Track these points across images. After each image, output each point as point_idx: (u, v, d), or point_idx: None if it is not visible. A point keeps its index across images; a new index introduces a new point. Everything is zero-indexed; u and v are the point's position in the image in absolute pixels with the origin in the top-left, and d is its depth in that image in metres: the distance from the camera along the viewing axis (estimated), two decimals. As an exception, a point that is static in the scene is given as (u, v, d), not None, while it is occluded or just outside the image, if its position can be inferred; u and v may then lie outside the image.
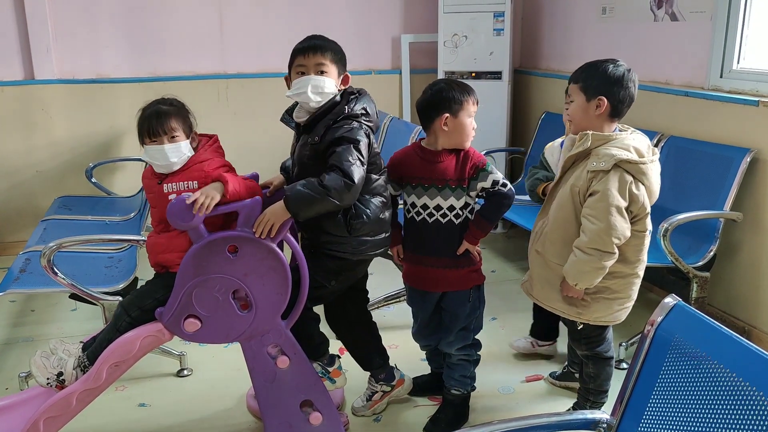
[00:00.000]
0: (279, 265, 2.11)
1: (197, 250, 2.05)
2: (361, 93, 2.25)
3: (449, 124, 2.26)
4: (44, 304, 3.55)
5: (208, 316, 2.11)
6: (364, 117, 2.19)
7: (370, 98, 2.27)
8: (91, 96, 4.29)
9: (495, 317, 3.34)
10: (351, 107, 2.17)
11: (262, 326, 2.16)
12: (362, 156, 2.11)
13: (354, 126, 2.15)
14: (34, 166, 4.28)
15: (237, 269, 2.08)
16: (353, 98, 2.21)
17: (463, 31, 4.48)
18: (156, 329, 2.11)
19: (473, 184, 2.28)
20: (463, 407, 2.51)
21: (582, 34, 4.19)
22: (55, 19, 4.15)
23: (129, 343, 2.07)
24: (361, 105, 2.20)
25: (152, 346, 2.15)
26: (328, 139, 2.13)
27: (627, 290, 2.22)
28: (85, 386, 2.06)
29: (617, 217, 2.05)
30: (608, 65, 2.15)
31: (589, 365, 2.37)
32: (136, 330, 2.10)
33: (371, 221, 2.21)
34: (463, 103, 2.25)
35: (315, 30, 2.33)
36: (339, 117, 2.15)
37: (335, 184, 2.05)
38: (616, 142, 2.10)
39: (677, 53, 3.43)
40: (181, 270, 2.07)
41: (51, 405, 2.04)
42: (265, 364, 2.21)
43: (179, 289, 2.08)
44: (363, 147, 2.13)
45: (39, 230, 3.46)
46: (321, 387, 2.30)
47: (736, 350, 1.17)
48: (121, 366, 2.09)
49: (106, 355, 2.07)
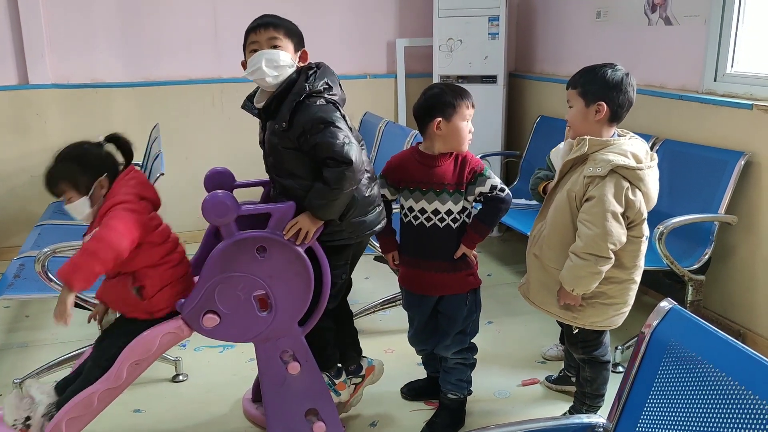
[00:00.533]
0: (304, 271, 2.12)
1: (227, 247, 2.06)
2: (320, 67, 2.17)
3: (443, 127, 2.26)
4: (39, 310, 3.53)
5: (228, 314, 2.11)
6: (327, 92, 2.11)
7: (331, 71, 2.19)
8: (86, 100, 4.28)
9: (491, 321, 3.34)
10: (311, 83, 2.09)
11: (279, 330, 2.17)
12: (345, 132, 2.07)
13: (320, 103, 2.07)
14: (29, 171, 4.26)
15: (263, 270, 2.10)
16: (312, 73, 2.11)
17: (458, 35, 4.49)
18: (176, 326, 2.10)
19: (471, 189, 2.28)
20: (459, 411, 2.51)
21: (576, 38, 4.20)
22: (50, 24, 4.13)
23: (149, 341, 2.06)
24: (322, 80, 2.11)
25: (172, 343, 2.13)
26: (299, 125, 2.05)
27: (623, 296, 2.22)
28: (107, 385, 2.05)
29: (613, 222, 2.06)
30: (607, 70, 2.15)
31: (586, 369, 2.37)
32: (156, 327, 2.09)
33: (360, 202, 2.18)
34: (457, 107, 2.25)
35: (309, 35, 2.32)
36: (301, 96, 2.06)
37: (338, 176, 2.04)
38: (613, 148, 2.10)
39: (671, 57, 3.44)
40: (208, 264, 2.07)
41: (73, 406, 2.04)
42: (276, 368, 2.21)
43: (204, 283, 2.07)
44: (341, 123, 2.07)
45: (33, 235, 3.44)
46: (328, 397, 2.30)
47: (732, 354, 1.17)
48: (141, 364, 2.08)
49: (127, 353, 2.06)
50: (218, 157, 4.07)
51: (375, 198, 2.25)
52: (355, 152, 2.05)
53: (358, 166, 2.06)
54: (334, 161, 2.04)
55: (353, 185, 2.08)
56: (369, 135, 4.41)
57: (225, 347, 3.09)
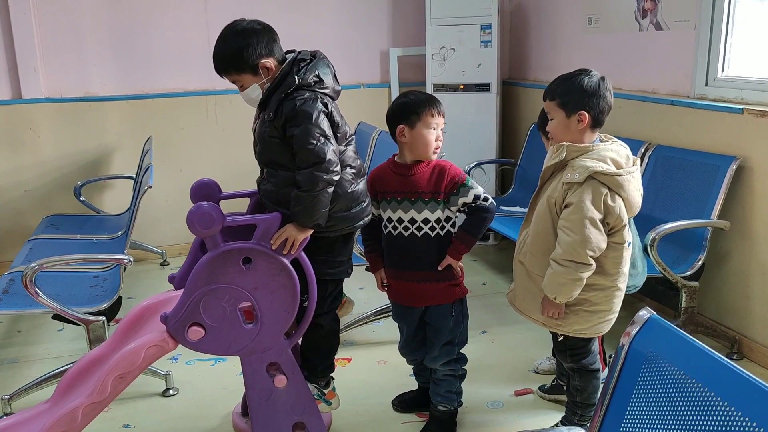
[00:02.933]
0: (290, 283, 2.11)
1: (211, 259, 2.05)
2: (316, 57, 2.18)
3: (407, 134, 2.26)
4: (30, 325, 3.52)
5: (213, 326, 2.09)
6: (317, 85, 2.12)
7: (325, 63, 2.19)
8: (79, 114, 4.28)
9: (485, 330, 3.31)
10: (301, 76, 2.10)
11: (265, 342, 2.15)
12: (323, 129, 2.07)
13: (307, 97, 2.08)
14: (22, 185, 4.27)
15: (248, 282, 2.08)
16: (303, 66, 2.13)
17: (450, 44, 4.48)
18: (160, 339, 2.08)
19: (454, 200, 2.27)
20: (450, 423, 2.48)
21: (569, 45, 4.19)
22: (42, 38, 4.15)
23: (133, 354, 2.03)
24: (313, 73, 2.12)
25: (156, 356, 2.10)
26: (283, 115, 2.09)
27: (608, 303, 2.19)
28: (90, 400, 2.02)
29: (591, 229, 2.04)
30: (582, 78, 2.12)
31: (576, 378, 2.35)
32: (140, 340, 2.07)
33: (342, 197, 2.16)
34: (421, 115, 2.24)
35: (303, 45, 2.32)
36: (290, 88, 2.09)
37: (308, 178, 2.05)
38: (592, 154, 2.08)
39: (662, 62, 3.43)
40: (193, 276, 2.06)
41: (56, 420, 2.00)
42: (263, 380, 2.19)
43: (189, 295, 2.06)
44: (321, 120, 2.07)
45: (25, 250, 3.44)
46: (315, 410, 2.27)
47: (710, 365, 1.15)
48: (126, 378, 2.05)
49: (111, 366, 2.03)
50: (212, 169, 4.07)
51: (360, 194, 2.23)
52: (331, 150, 2.06)
53: (330, 165, 2.05)
54: (304, 159, 2.05)
55: (326, 185, 2.07)
56: (362, 144, 4.40)
57: (217, 360, 3.07)
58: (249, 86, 2.17)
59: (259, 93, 2.17)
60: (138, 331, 2.24)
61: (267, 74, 2.15)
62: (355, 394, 2.78)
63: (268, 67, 2.15)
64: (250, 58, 2.13)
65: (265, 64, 2.14)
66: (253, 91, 2.18)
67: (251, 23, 2.18)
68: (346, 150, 2.21)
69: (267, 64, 2.15)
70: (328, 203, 2.11)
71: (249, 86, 2.17)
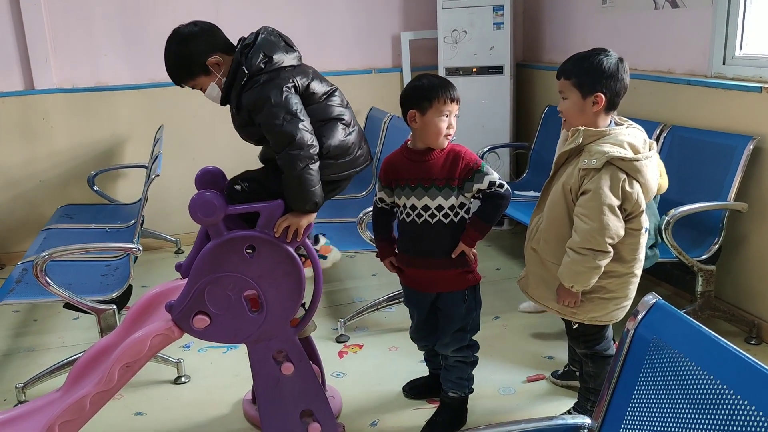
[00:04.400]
0: (294, 270, 2.09)
1: (215, 247, 2.04)
2: (260, 35, 2.14)
3: (418, 120, 2.20)
4: (46, 314, 3.55)
5: (218, 314, 2.09)
6: (268, 65, 2.09)
7: (269, 39, 2.15)
8: (91, 104, 4.29)
9: (498, 316, 3.28)
10: (249, 64, 2.08)
11: (271, 330, 2.14)
12: (286, 107, 2.03)
13: (263, 81, 2.06)
14: (37, 176, 4.30)
15: (253, 270, 2.07)
16: (247, 51, 2.10)
17: (462, 27, 4.42)
18: (166, 327, 2.08)
19: (468, 186, 2.21)
20: (460, 410, 2.46)
21: (584, 25, 4.11)
22: (53, 29, 4.15)
23: (139, 343, 2.04)
24: (259, 55, 2.09)
25: (162, 345, 2.11)
26: (245, 108, 2.08)
27: (624, 289, 2.15)
28: (98, 389, 2.03)
29: (610, 216, 1.99)
30: (601, 58, 2.04)
31: (589, 364, 2.31)
32: (146, 329, 2.07)
33: (333, 146, 2.12)
34: (433, 102, 2.16)
35: (314, 30, 2.30)
36: (243, 80, 2.08)
37: (286, 161, 2.03)
38: (609, 138, 2.02)
39: (679, 41, 3.35)
40: (197, 265, 2.05)
41: (65, 409, 2.02)
42: (270, 368, 2.18)
43: (193, 283, 2.06)
44: (281, 99, 2.03)
45: (39, 240, 3.46)
46: (322, 397, 2.26)
47: (715, 352, 1.11)
48: (132, 366, 2.06)
49: (117, 356, 2.04)
50: (225, 157, 4.04)
51: (350, 147, 2.18)
52: (299, 128, 2.02)
53: (302, 141, 2.02)
54: (276, 143, 2.03)
55: (307, 162, 2.03)
56: (374, 129, 4.37)
57: (228, 348, 3.07)
58: (207, 87, 2.16)
59: (219, 91, 2.16)
60: (146, 320, 2.24)
61: (219, 70, 2.14)
62: (366, 380, 2.77)
63: (217, 63, 2.14)
64: (197, 60, 2.13)
65: (213, 61, 2.13)
66: (213, 90, 2.17)
67: (188, 27, 2.18)
68: (328, 105, 2.16)
69: (214, 61, 2.13)
70: (318, 180, 2.07)
71: (207, 87, 2.16)
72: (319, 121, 2.13)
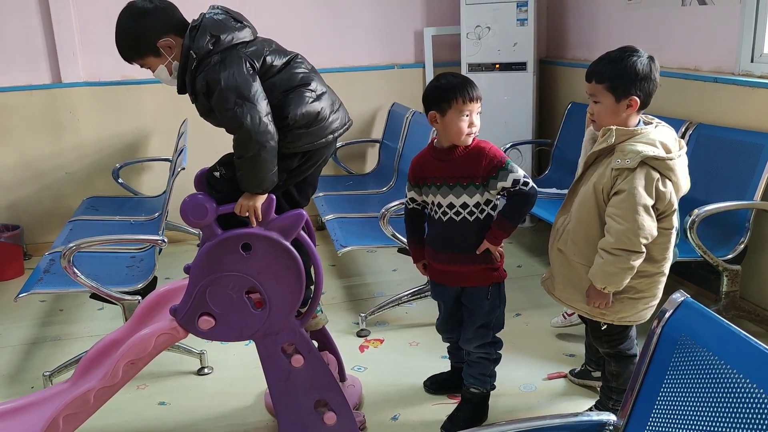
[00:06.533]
0: (293, 264, 2.10)
1: (211, 248, 2.05)
2: (205, 16, 2.08)
3: (439, 121, 2.20)
4: (72, 304, 3.61)
5: (222, 314, 2.11)
6: (216, 45, 2.03)
7: (215, 18, 2.08)
8: (117, 97, 4.35)
9: (519, 313, 3.28)
10: (196, 47, 2.01)
11: (276, 325, 2.15)
12: (237, 90, 1.97)
13: (213, 63, 2.01)
14: (63, 168, 4.36)
15: (251, 267, 2.08)
16: (194, 35, 2.04)
17: (486, 23, 4.40)
18: (171, 327, 2.11)
19: (492, 183, 2.20)
20: (482, 406, 2.46)
21: (608, 21, 4.07)
22: (81, 24, 4.21)
23: (144, 341, 2.08)
24: (205, 37, 2.02)
25: (167, 343, 2.15)
26: (199, 92, 2.03)
27: (653, 289, 2.13)
28: (102, 384, 2.07)
29: (644, 216, 1.97)
30: (633, 59, 2.00)
31: (612, 363, 2.30)
32: (151, 328, 2.11)
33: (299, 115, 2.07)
34: (452, 102, 2.15)
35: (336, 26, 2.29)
36: (193, 65, 2.02)
37: (238, 143, 2.00)
38: (641, 137, 2.00)
39: (706, 38, 3.31)
40: (194, 267, 2.07)
41: (69, 402, 2.05)
42: (279, 362, 2.20)
43: (193, 287, 2.08)
44: (232, 81, 1.97)
45: (65, 231, 3.52)
46: (335, 386, 2.27)
47: (744, 350, 1.10)
48: (137, 363, 2.10)
49: (123, 352, 2.08)
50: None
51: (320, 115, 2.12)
52: (250, 114, 1.96)
53: (254, 126, 1.96)
54: (228, 127, 2.01)
55: (258, 148, 1.98)
56: (396, 125, 4.38)
57: (251, 340, 3.09)
58: (156, 68, 2.11)
59: (167, 74, 2.11)
60: (155, 317, 2.28)
61: (170, 53, 2.07)
62: (387, 374, 2.78)
63: (169, 46, 2.07)
64: (148, 40, 2.05)
65: (164, 44, 2.06)
66: (161, 72, 2.11)
67: (143, 3, 2.09)
68: (292, 73, 2.11)
69: (165, 44, 2.06)
70: (271, 166, 2.03)
71: (156, 68, 2.11)
72: (284, 92, 2.08)
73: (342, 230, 3.41)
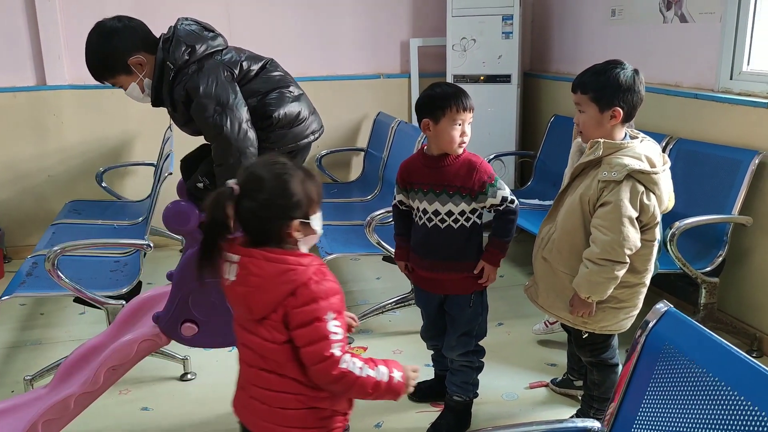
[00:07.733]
0: None
1: (194, 255, 2.05)
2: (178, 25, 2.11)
3: (431, 129, 2.24)
4: (53, 308, 3.58)
5: (205, 321, 2.11)
6: (192, 55, 2.05)
7: (188, 29, 2.11)
8: (101, 101, 4.32)
9: (501, 322, 3.31)
10: (172, 58, 2.03)
11: None
12: (216, 98, 2.00)
13: (191, 73, 2.03)
14: (46, 171, 4.33)
15: None
16: (168, 47, 2.06)
17: (471, 35, 4.45)
18: (153, 333, 2.11)
19: (481, 198, 2.24)
20: (464, 414, 2.48)
21: (591, 36, 4.15)
22: (66, 27, 4.19)
23: (126, 347, 2.08)
24: (180, 48, 2.05)
25: (149, 350, 2.15)
26: (179, 102, 2.05)
27: (634, 299, 2.18)
28: (83, 389, 2.06)
29: (629, 227, 2.01)
30: (617, 71, 2.06)
31: (594, 372, 2.34)
32: (134, 334, 2.11)
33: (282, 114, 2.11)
34: (445, 111, 2.19)
35: (323, 35, 2.32)
36: (171, 76, 2.04)
37: (218, 152, 2.01)
38: (627, 151, 2.04)
39: (687, 55, 3.39)
40: (177, 274, 2.08)
41: (49, 408, 2.04)
42: None
43: (176, 294, 2.08)
44: (211, 89, 2.00)
45: (48, 234, 3.49)
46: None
47: (727, 360, 1.14)
48: (118, 370, 2.10)
49: (105, 358, 2.07)
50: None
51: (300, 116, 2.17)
52: (226, 120, 1.99)
53: (233, 133, 1.99)
54: (208, 135, 2.03)
55: (238, 155, 2.00)
56: (382, 134, 4.41)
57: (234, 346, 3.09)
58: (128, 86, 2.12)
59: (139, 91, 2.12)
60: (136, 323, 2.27)
61: (141, 70, 2.10)
62: (371, 382, 2.79)
63: (140, 63, 2.09)
64: (118, 58, 2.07)
65: (134, 61, 2.09)
66: (133, 90, 2.13)
67: (111, 22, 2.13)
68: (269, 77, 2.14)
69: (136, 61, 2.09)
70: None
71: (128, 86, 2.12)
72: (264, 94, 2.11)
73: (327, 238, 3.42)
